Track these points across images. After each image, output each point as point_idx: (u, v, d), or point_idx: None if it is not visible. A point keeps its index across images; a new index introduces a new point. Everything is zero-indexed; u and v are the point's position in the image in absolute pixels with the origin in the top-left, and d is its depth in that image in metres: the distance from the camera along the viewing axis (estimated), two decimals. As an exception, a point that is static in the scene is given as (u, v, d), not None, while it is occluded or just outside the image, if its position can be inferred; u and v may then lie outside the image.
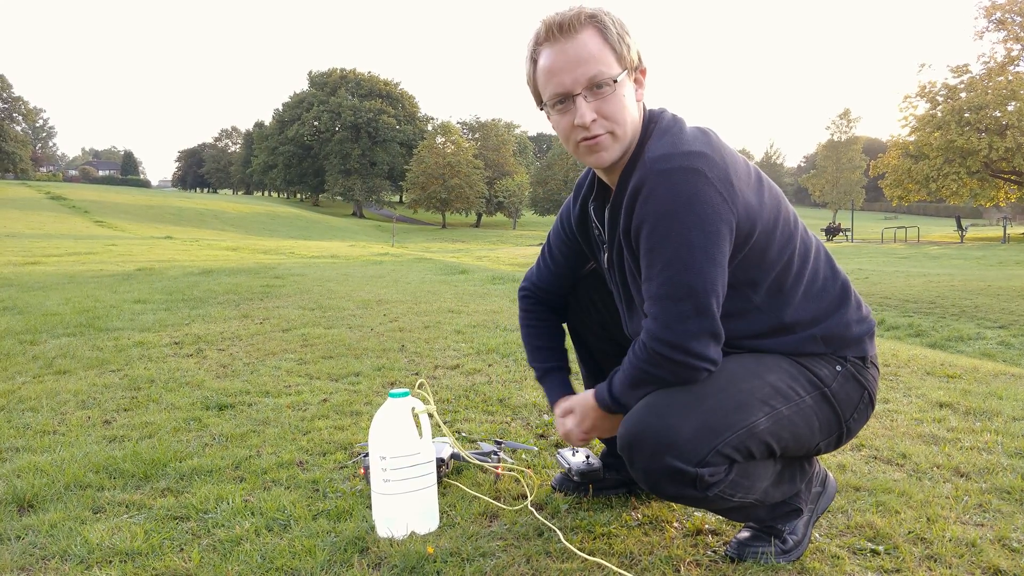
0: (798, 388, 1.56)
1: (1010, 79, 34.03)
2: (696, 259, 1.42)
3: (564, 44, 1.48)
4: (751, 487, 1.57)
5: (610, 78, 1.47)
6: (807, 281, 1.60)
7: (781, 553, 1.64)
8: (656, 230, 1.44)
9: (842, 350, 1.62)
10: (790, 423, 1.54)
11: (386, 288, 7.34)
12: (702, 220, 1.41)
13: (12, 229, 22.77)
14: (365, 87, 70.32)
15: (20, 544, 1.75)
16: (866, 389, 1.65)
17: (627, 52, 1.49)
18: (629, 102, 1.51)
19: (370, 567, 1.62)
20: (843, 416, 1.62)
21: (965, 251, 23.60)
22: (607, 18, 1.49)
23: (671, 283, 1.44)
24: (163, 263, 10.61)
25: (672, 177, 1.42)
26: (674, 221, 1.42)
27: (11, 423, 2.75)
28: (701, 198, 1.41)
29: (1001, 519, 1.88)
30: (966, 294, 9.42)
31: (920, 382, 3.46)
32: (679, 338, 1.46)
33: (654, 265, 1.46)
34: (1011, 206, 49.41)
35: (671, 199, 1.42)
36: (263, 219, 45.51)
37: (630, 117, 1.51)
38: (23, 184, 51.88)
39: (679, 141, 1.47)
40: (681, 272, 1.43)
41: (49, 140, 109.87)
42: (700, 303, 1.45)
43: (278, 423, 2.70)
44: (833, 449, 1.69)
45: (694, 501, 1.56)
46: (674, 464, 1.46)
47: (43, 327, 4.81)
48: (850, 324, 1.63)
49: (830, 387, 1.59)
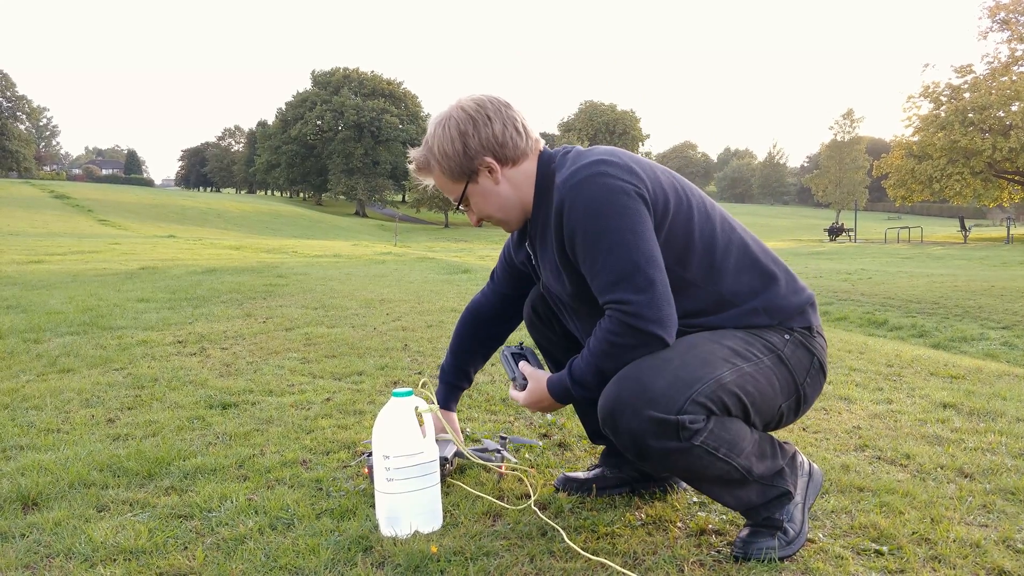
0: (754, 351, 1.67)
1: (1014, 79, 33.95)
2: (628, 240, 1.58)
3: (429, 179, 1.83)
4: (734, 444, 1.61)
5: (457, 197, 1.80)
6: (736, 255, 1.72)
7: (785, 545, 1.65)
8: (587, 232, 1.60)
9: (787, 321, 1.73)
10: (753, 379, 1.64)
11: (389, 287, 7.35)
12: (621, 207, 1.59)
13: (16, 228, 22.82)
14: (368, 86, 70.32)
15: (24, 542, 1.75)
16: (815, 356, 1.75)
17: (457, 166, 1.74)
18: (484, 200, 1.79)
19: (374, 566, 1.62)
20: (798, 379, 1.72)
21: (968, 251, 23.55)
22: (431, 150, 1.76)
23: (617, 267, 1.58)
24: (166, 262, 10.63)
25: (582, 185, 1.62)
26: (598, 217, 1.59)
27: (15, 421, 2.75)
28: (612, 189, 1.60)
29: (1005, 520, 1.87)
30: (970, 295, 9.40)
31: (924, 383, 3.46)
32: (639, 308, 1.57)
33: (596, 261, 1.61)
34: (1015, 206, 49.34)
35: (588, 201, 1.60)
36: (266, 218, 45.54)
37: (493, 207, 1.79)
38: (27, 183, 51.94)
39: (578, 159, 1.69)
40: (621, 256, 1.57)
41: (53, 139, 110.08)
42: (648, 275, 1.58)
43: (281, 422, 2.70)
44: (793, 419, 1.78)
45: (681, 459, 1.59)
46: (654, 415, 1.54)
47: (47, 326, 4.82)
48: (788, 295, 1.75)
49: (783, 351, 1.70)
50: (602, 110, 75.43)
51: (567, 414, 2.78)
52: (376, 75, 71.84)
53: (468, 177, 1.76)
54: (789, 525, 1.68)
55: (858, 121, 73.21)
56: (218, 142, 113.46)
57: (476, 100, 1.74)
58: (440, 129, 1.75)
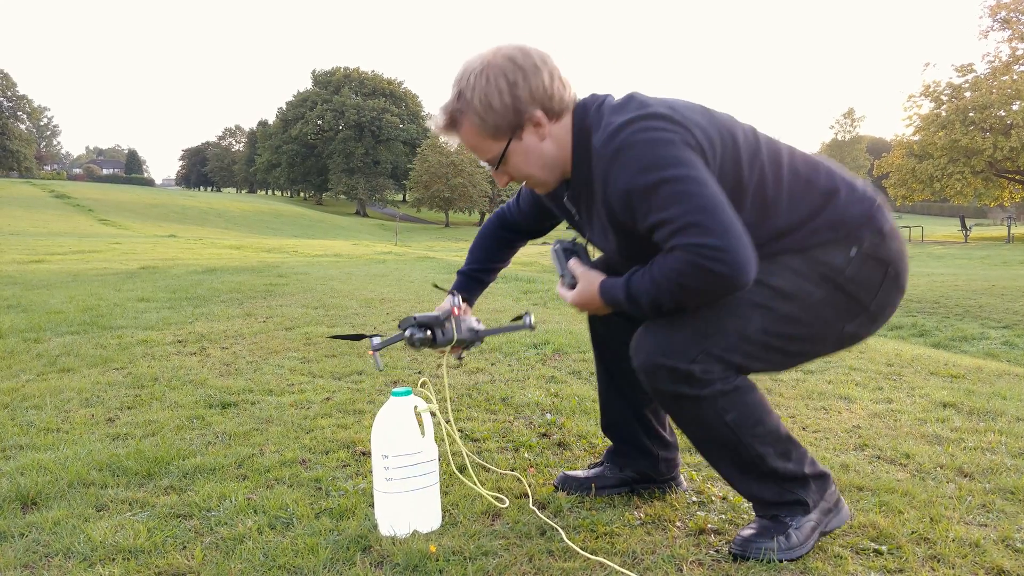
0: (806, 285, 1.60)
1: (1015, 78, 33.91)
2: (691, 188, 1.47)
3: (457, 137, 1.67)
4: (746, 419, 1.61)
5: (494, 158, 1.65)
6: (788, 184, 1.63)
7: (784, 549, 1.64)
8: (644, 188, 1.49)
9: (855, 231, 1.61)
10: (790, 320, 1.60)
11: (389, 287, 7.34)
12: (673, 158, 1.48)
13: (16, 227, 22.82)
14: (369, 86, 70.32)
15: (24, 542, 1.75)
16: (889, 265, 1.64)
17: (503, 122, 1.60)
18: (526, 159, 1.65)
19: (372, 565, 1.62)
20: (865, 300, 1.63)
21: (969, 251, 23.54)
22: (469, 104, 1.59)
23: (685, 216, 1.46)
24: (167, 261, 10.63)
25: (625, 146, 1.51)
26: (650, 171, 1.48)
27: (15, 421, 2.75)
28: (657, 142, 1.49)
29: (1005, 519, 1.87)
30: (970, 294, 9.40)
31: (924, 382, 3.46)
32: (716, 253, 1.45)
33: (661, 211, 1.48)
34: (1015, 206, 49.28)
35: (636, 160, 1.50)
36: (266, 218, 45.55)
37: (535, 166, 1.66)
38: (27, 182, 51.94)
39: (613, 117, 1.56)
40: (688, 204, 1.46)
41: (53, 138, 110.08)
42: (721, 219, 1.46)
43: (281, 421, 2.70)
44: (869, 332, 1.69)
45: (690, 409, 1.61)
46: (667, 363, 1.57)
47: (47, 325, 4.82)
48: (849, 205, 1.63)
49: (844, 274, 1.60)
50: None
51: (567, 414, 2.78)
52: (377, 75, 71.85)
53: (512, 133, 1.61)
54: (795, 532, 1.66)
55: (859, 120, 73.30)
56: (219, 142, 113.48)
57: (518, 48, 1.59)
58: (482, 80, 1.57)
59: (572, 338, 4.28)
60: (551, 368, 3.59)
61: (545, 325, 4.81)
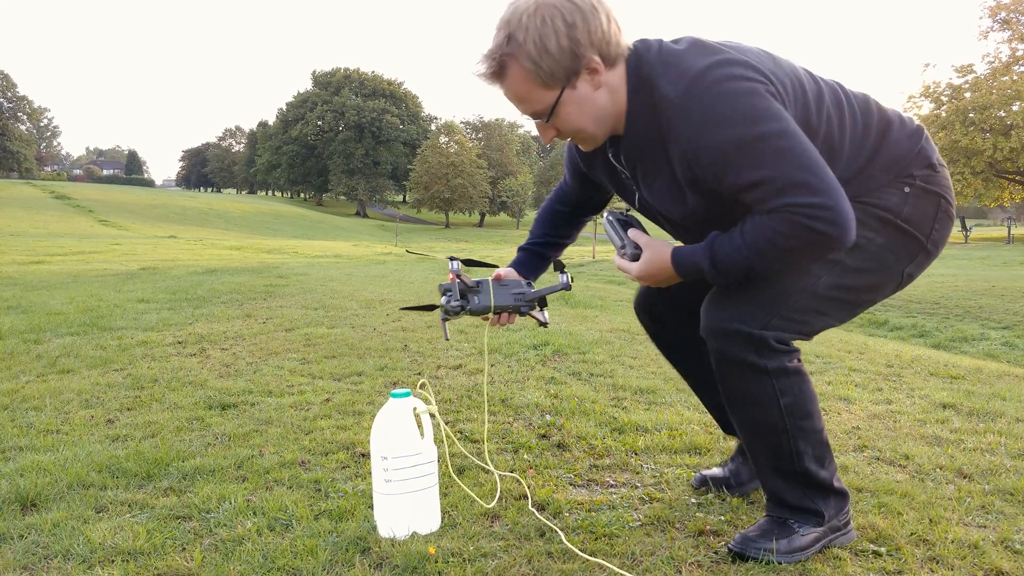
0: (867, 233, 1.57)
1: (1015, 79, 33.92)
2: (784, 145, 1.38)
3: (500, 87, 1.52)
4: (802, 404, 1.60)
5: (544, 110, 1.51)
6: (850, 129, 1.58)
7: (784, 552, 1.63)
8: (728, 145, 1.40)
9: (906, 169, 1.60)
10: (855, 272, 1.58)
11: (389, 288, 7.35)
12: (759, 111, 1.39)
13: (17, 228, 22.83)
14: (369, 87, 70.36)
15: (23, 543, 1.75)
16: (942, 196, 1.63)
17: (558, 68, 1.47)
18: (579, 110, 1.52)
19: (371, 567, 1.62)
20: (922, 236, 1.62)
21: (969, 251, 23.54)
22: (521, 48, 1.46)
23: (781, 175, 1.38)
24: (167, 262, 10.63)
25: (704, 97, 1.41)
26: (736, 126, 1.39)
27: (15, 422, 2.75)
28: (739, 92, 1.40)
29: (1004, 521, 1.87)
30: (970, 295, 9.40)
31: (924, 383, 3.46)
32: (820, 211, 1.37)
33: (753, 171, 1.39)
34: (1016, 206, 49.30)
35: (718, 114, 1.40)
36: (266, 218, 45.55)
37: (588, 119, 1.54)
38: (28, 183, 51.98)
39: (681, 65, 1.45)
40: (783, 161, 1.38)
41: (54, 139, 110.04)
42: (819, 175, 1.38)
43: (280, 423, 2.70)
44: (923, 268, 1.69)
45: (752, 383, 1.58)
46: (743, 328, 1.53)
47: (47, 326, 4.82)
48: (901, 142, 1.61)
49: (901, 214, 1.59)
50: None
51: (566, 415, 2.78)
52: (377, 75, 71.88)
53: (565, 82, 1.48)
54: (799, 539, 1.65)
55: (859, 121, 73.05)
56: (219, 142, 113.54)
57: None
58: (536, 20, 1.43)
59: (572, 339, 4.28)
60: (551, 369, 3.59)
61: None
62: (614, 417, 2.74)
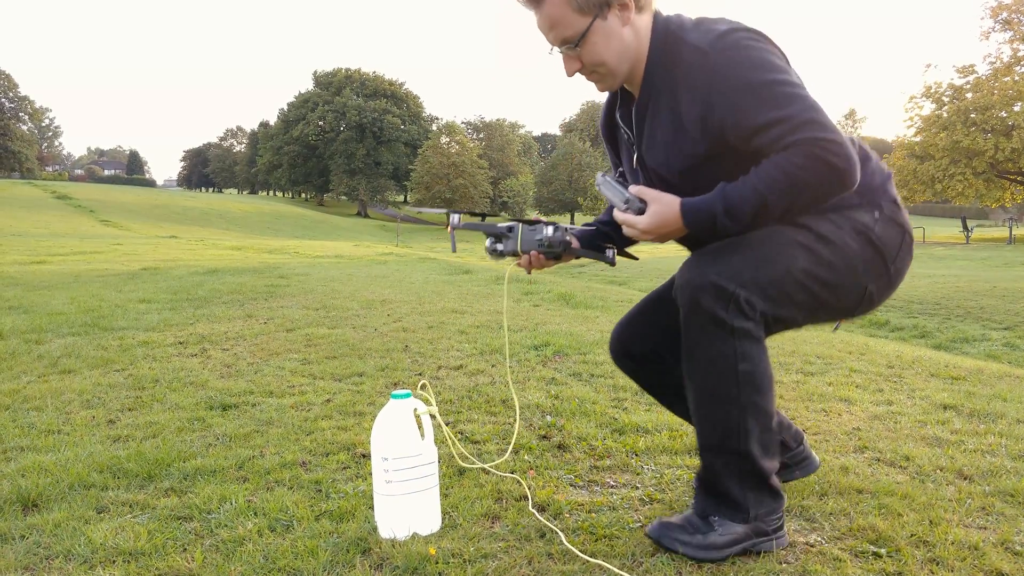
0: (844, 236, 1.66)
1: (1016, 79, 33.89)
2: (804, 93, 1.51)
3: (536, 12, 1.65)
4: (758, 376, 1.61)
5: (575, 35, 1.62)
6: None
7: (698, 547, 1.63)
8: (754, 83, 1.52)
9: (875, 198, 1.71)
10: (829, 266, 1.64)
11: (390, 288, 7.35)
12: (782, 68, 1.54)
13: (18, 228, 22.85)
14: (370, 87, 70.38)
15: (24, 544, 1.76)
16: (905, 230, 1.75)
17: None
18: (606, 42, 1.63)
19: (372, 568, 1.63)
20: (888, 259, 1.71)
21: (970, 252, 23.53)
22: None
23: (801, 111, 1.49)
24: (168, 262, 10.64)
25: (736, 45, 1.54)
26: (764, 70, 1.52)
27: (16, 422, 2.76)
28: (766, 52, 1.55)
29: (1004, 522, 1.87)
30: (971, 295, 9.39)
31: (924, 384, 3.46)
32: (837, 147, 1.49)
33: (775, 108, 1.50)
34: (1017, 207, 49.24)
35: (746, 58, 1.53)
36: (268, 219, 45.58)
37: (612, 53, 1.64)
38: (29, 183, 51.99)
39: (712, 27, 1.60)
40: (803, 101, 1.50)
41: (55, 139, 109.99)
42: (831, 121, 1.50)
43: (281, 423, 2.71)
44: (883, 298, 1.77)
45: (715, 341, 1.59)
46: (718, 281, 1.57)
47: (48, 326, 4.83)
48: (875, 174, 1.74)
49: (873, 231, 1.68)
50: (604, 110, 75.23)
51: (567, 416, 2.78)
52: (378, 75, 71.89)
53: (598, 11, 1.60)
54: (717, 536, 1.65)
55: (860, 121, 73.18)
56: (220, 143, 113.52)
57: None
58: None
59: (573, 340, 4.28)
60: (551, 370, 3.59)
61: (545, 327, 4.81)
62: (615, 418, 2.74)
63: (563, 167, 65.14)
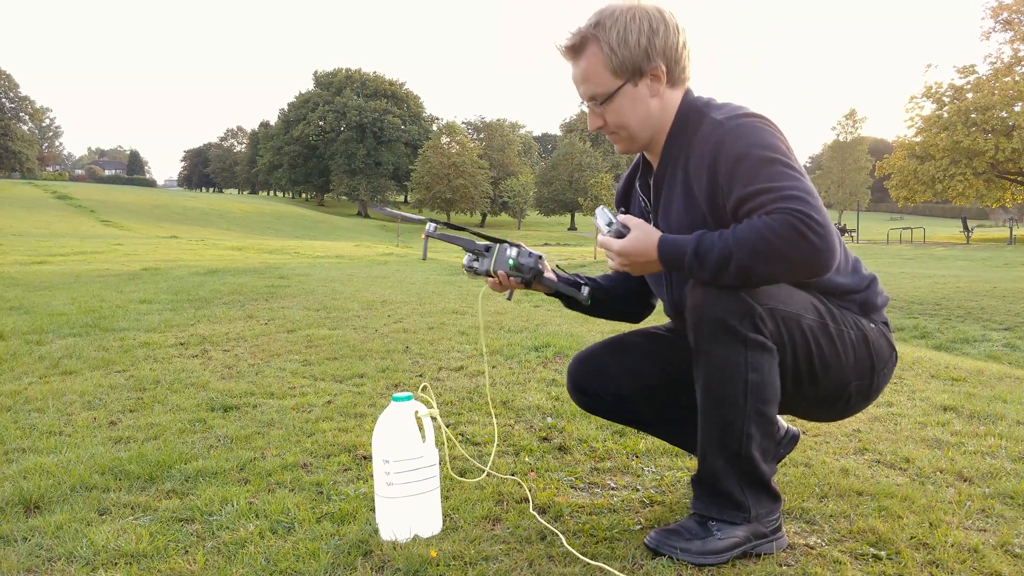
0: (846, 323, 1.73)
1: (1017, 80, 33.92)
2: (801, 175, 1.55)
3: (573, 64, 1.71)
4: (766, 387, 1.61)
5: (603, 94, 1.69)
6: (841, 255, 1.72)
7: (698, 552, 1.64)
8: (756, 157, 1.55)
9: (874, 315, 1.81)
10: (831, 340, 1.69)
11: (391, 289, 7.35)
12: (789, 153, 1.58)
13: (18, 228, 22.86)
14: (370, 87, 70.37)
15: (27, 546, 1.76)
16: (894, 350, 1.83)
17: (630, 61, 1.65)
18: (632, 107, 1.70)
19: (373, 570, 1.63)
20: (877, 365, 1.78)
21: (971, 252, 23.53)
22: (606, 33, 1.65)
23: (792, 186, 1.51)
24: (168, 263, 10.65)
25: (750, 126, 1.59)
26: (769, 149, 1.56)
27: (17, 424, 2.76)
28: (778, 137, 1.60)
29: (1004, 524, 1.88)
30: (972, 296, 9.39)
31: (925, 385, 3.46)
32: (817, 222, 1.47)
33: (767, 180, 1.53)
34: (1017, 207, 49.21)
35: (756, 137, 1.57)
36: (268, 219, 45.59)
37: (636, 117, 1.70)
38: (29, 183, 52.01)
39: (737, 109, 1.66)
40: (797, 180, 1.53)
41: (55, 140, 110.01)
42: (822, 207, 1.52)
43: (282, 425, 2.71)
44: (860, 407, 1.84)
45: (728, 347, 1.59)
46: (737, 293, 1.57)
47: (49, 327, 4.84)
48: (879, 294, 1.83)
49: (869, 333, 1.76)
50: (604, 111, 75.15)
51: (567, 417, 2.79)
52: (378, 76, 71.90)
53: (631, 76, 1.67)
54: (716, 541, 1.65)
55: (861, 121, 73.10)
56: (220, 143, 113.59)
57: (662, 9, 1.67)
58: (626, 17, 1.65)
59: (573, 341, 4.28)
60: (552, 371, 3.59)
61: (546, 328, 4.81)
62: (615, 420, 2.74)
63: (563, 167, 65.17)
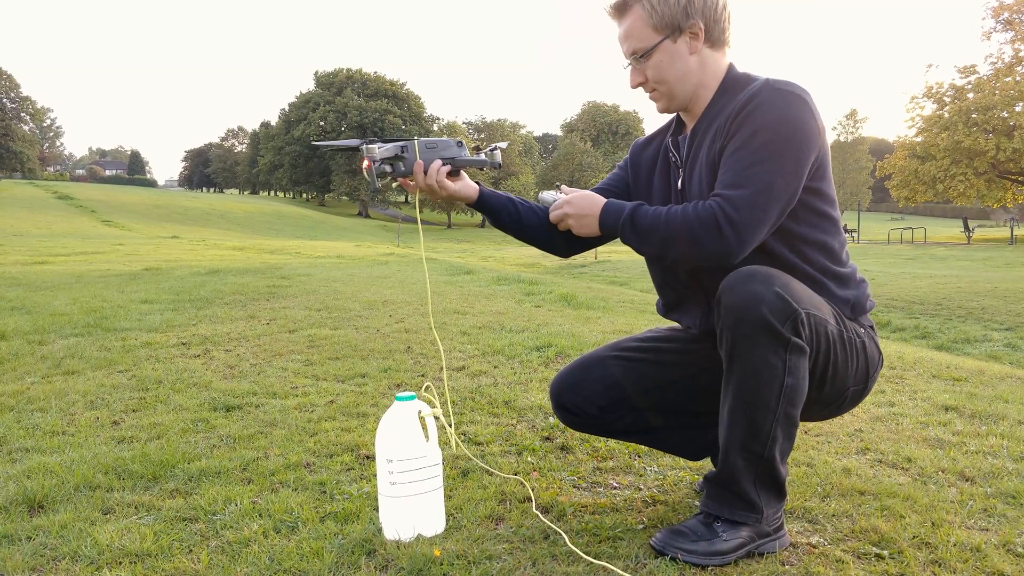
0: (854, 331, 1.76)
1: (1018, 80, 33.91)
2: (785, 167, 1.60)
3: (618, 23, 1.79)
4: (798, 393, 1.62)
5: (643, 49, 1.74)
6: (839, 248, 1.81)
7: (705, 553, 1.64)
8: (758, 133, 1.61)
9: (861, 318, 1.81)
10: (843, 349, 1.71)
11: (392, 289, 7.36)
12: (801, 139, 1.62)
13: (20, 229, 22.88)
14: (371, 87, 70.36)
15: (31, 545, 1.76)
16: (880, 353, 1.84)
17: (669, 17, 1.71)
18: (670, 62, 1.74)
19: (377, 569, 1.63)
20: (871, 371, 1.80)
21: (972, 252, 23.52)
22: None
23: (753, 177, 1.59)
24: (170, 263, 10.65)
25: (786, 97, 1.63)
26: (778, 128, 1.60)
27: (20, 424, 2.77)
28: (806, 122, 1.63)
29: (1006, 524, 1.88)
30: (972, 296, 9.39)
31: (926, 385, 3.46)
32: (740, 221, 1.58)
33: (744, 159, 1.61)
34: (1018, 207, 49.21)
35: (782, 113, 1.61)
36: (269, 219, 45.60)
37: (674, 73, 1.75)
38: (31, 184, 52.08)
39: (787, 81, 1.67)
40: (767, 172, 1.59)
41: (56, 140, 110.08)
42: (768, 205, 1.60)
43: (285, 424, 2.71)
44: (849, 408, 1.85)
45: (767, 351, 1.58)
46: (783, 294, 1.58)
47: (51, 327, 4.84)
48: (868, 297, 1.85)
49: (867, 341, 1.79)
50: (605, 111, 75.35)
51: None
52: (379, 76, 71.86)
53: (671, 33, 1.73)
54: (721, 542, 1.65)
55: (861, 122, 73.19)
56: (221, 143, 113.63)
57: None
58: None
59: (575, 340, 4.28)
60: (554, 371, 3.60)
61: (547, 328, 4.82)
62: (617, 419, 2.75)
63: (564, 167, 65.13)
